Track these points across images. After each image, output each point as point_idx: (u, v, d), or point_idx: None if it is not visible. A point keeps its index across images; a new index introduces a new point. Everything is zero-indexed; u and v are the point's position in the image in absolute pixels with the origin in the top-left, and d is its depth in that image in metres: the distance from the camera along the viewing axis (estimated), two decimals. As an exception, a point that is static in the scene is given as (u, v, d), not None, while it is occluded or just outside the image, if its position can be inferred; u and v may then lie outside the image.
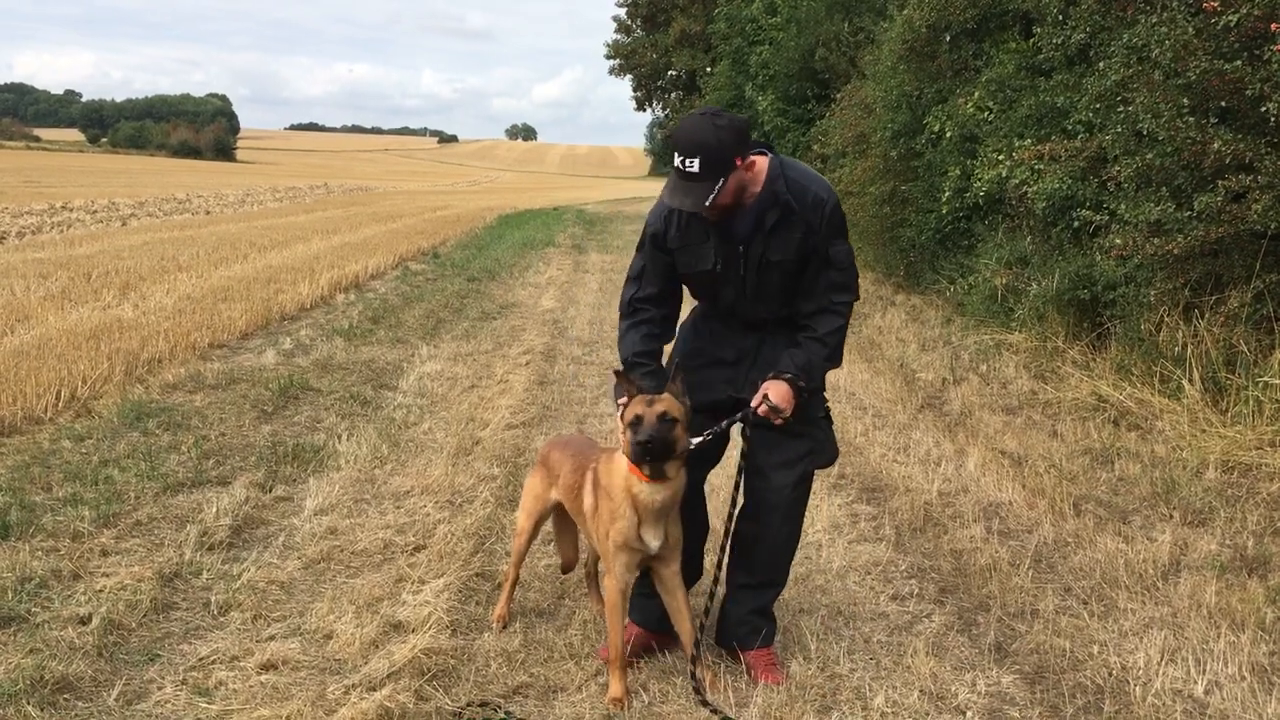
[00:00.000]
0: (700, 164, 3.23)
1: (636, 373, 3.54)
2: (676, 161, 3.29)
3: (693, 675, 3.53)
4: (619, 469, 3.44)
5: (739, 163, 3.29)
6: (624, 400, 3.40)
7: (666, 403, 3.34)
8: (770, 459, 3.57)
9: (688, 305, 3.82)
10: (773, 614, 3.77)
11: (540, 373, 8.66)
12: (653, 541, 3.43)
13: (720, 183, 3.25)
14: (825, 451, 3.68)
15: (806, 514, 3.83)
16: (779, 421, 3.42)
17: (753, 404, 3.42)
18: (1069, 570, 4.76)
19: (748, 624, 3.72)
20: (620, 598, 3.50)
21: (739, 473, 3.64)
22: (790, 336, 3.57)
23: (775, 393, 3.40)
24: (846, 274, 3.51)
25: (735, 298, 3.58)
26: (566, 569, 4.30)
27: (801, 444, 3.56)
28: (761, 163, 3.43)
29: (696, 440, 3.44)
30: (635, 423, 3.31)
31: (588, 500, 3.61)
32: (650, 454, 3.26)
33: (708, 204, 3.27)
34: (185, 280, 12.63)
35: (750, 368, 3.63)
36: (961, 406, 7.77)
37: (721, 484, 5.55)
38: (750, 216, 3.44)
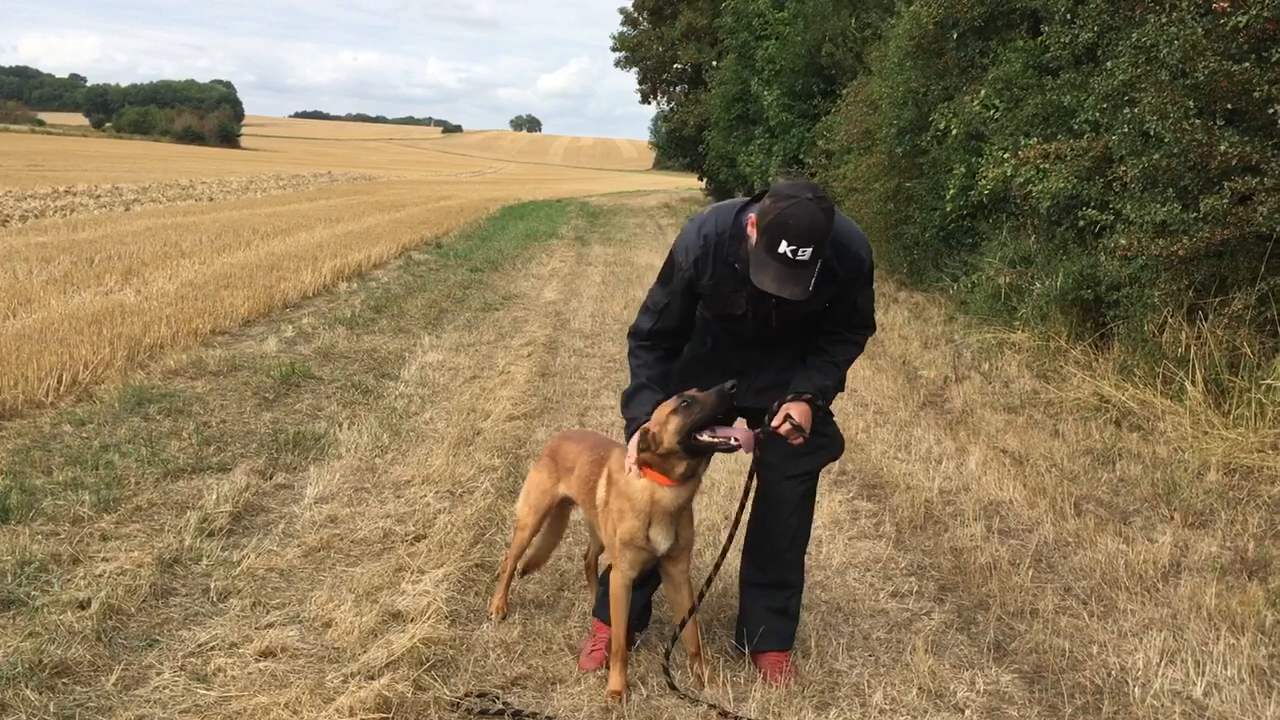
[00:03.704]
0: (812, 253, 3.11)
1: (646, 396, 3.52)
2: (783, 249, 3.08)
3: (666, 670, 3.56)
4: (636, 476, 3.43)
5: None
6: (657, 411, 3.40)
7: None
8: (780, 453, 3.57)
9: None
10: (792, 616, 3.74)
11: (542, 364, 8.66)
12: (662, 542, 3.43)
13: (819, 263, 3.18)
14: (832, 447, 3.73)
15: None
16: (798, 440, 3.45)
17: (774, 423, 3.43)
18: (1069, 570, 4.76)
19: (764, 623, 3.69)
20: (624, 592, 3.49)
21: (749, 476, 3.64)
22: (794, 353, 3.64)
23: (798, 412, 3.44)
24: (867, 314, 3.67)
25: (754, 334, 3.59)
26: (530, 568, 4.21)
27: (811, 440, 3.55)
28: None
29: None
30: (689, 403, 3.30)
31: (601, 493, 3.60)
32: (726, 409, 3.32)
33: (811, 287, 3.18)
34: (188, 266, 12.62)
35: (755, 378, 3.65)
36: (963, 405, 7.77)
37: (721, 479, 5.56)
38: None
